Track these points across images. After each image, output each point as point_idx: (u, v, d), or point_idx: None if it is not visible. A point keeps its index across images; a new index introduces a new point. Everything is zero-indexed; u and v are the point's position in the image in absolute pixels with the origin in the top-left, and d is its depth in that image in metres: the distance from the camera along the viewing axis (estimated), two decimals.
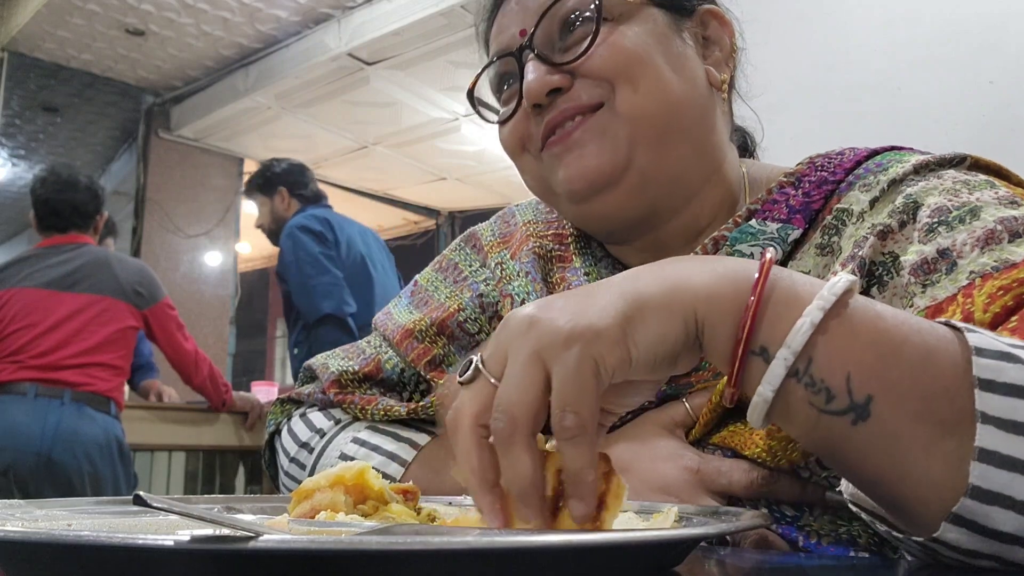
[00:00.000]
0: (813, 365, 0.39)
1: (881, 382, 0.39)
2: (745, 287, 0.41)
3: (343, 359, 0.82)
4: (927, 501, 0.38)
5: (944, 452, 0.38)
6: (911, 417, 0.38)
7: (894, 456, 0.39)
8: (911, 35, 1.63)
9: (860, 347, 0.39)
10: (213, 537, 0.28)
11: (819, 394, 0.39)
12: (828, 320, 0.39)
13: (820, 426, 0.40)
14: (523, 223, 0.82)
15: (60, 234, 2.63)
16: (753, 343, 0.40)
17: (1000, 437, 0.36)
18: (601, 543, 0.31)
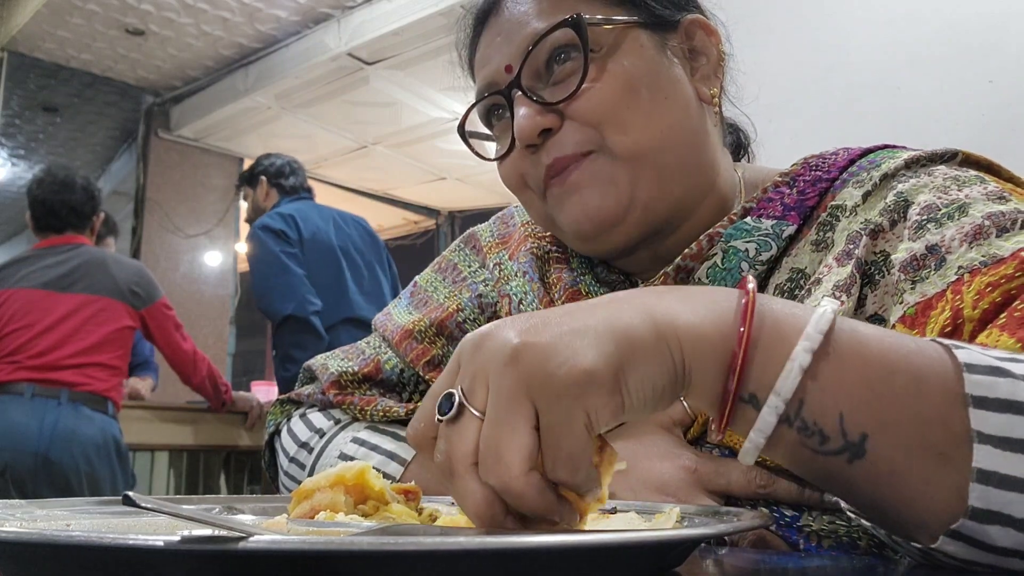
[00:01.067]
0: (804, 408, 0.39)
1: (874, 418, 0.38)
2: (729, 329, 0.39)
3: (343, 360, 0.82)
4: (927, 524, 0.39)
5: (944, 482, 0.37)
6: (907, 450, 0.38)
7: (893, 488, 0.39)
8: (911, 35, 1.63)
9: (850, 384, 0.38)
10: (203, 538, 0.28)
11: (812, 437, 0.39)
12: (817, 360, 0.38)
13: (816, 464, 0.40)
14: (521, 224, 0.82)
15: (57, 235, 2.63)
16: (742, 390, 0.39)
17: (998, 456, 0.36)
18: (601, 543, 0.31)
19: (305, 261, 2.81)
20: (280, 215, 2.87)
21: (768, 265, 0.63)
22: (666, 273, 0.65)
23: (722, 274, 0.63)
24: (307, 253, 2.82)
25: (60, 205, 2.62)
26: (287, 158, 3.18)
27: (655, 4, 0.68)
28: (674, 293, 0.41)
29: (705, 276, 0.64)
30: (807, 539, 0.55)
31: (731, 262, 0.63)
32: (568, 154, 0.64)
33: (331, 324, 2.76)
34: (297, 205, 2.96)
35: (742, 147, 0.83)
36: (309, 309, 2.73)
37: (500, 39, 0.68)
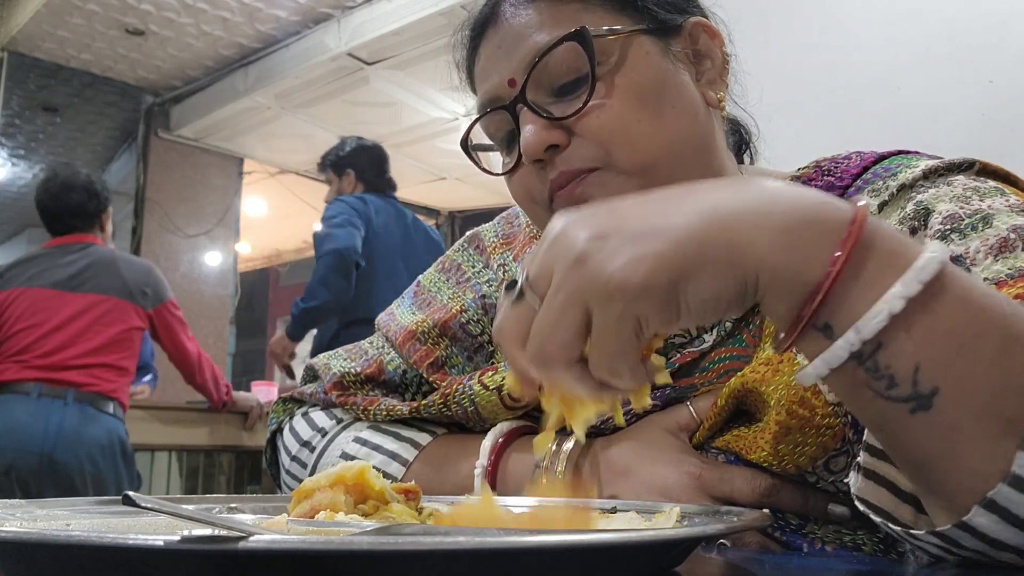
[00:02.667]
0: (881, 351, 0.37)
1: (950, 375, 0.37)
2: (819, 262, 0.37)
3: (345, 360, 0.82)
4: (966, 488, 0.38)
5: (1000, 447, 0.36)
6: (976, 412, 0.37)
7: (948, 445, 0.38)
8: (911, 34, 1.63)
9: (936, 337, 0.37)
10: (203, 537, 0.28)
11: (881, 380, 0.37)
12: (909, 307, 0.36)
13: (875, 407, 0.38)
14: (526, 224, 0.82)
15: (63, 236, 2.63)
16: (817, 319, 0.38)
17: None
18: (601, 543, 0.31)
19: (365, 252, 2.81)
20: (362, 199, 2.90)
21: None
22: None
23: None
24: (370, 246, 2.83)
25: (62, 208, 2.62)
26: (374, 150, 3.15)
27: (657, 9, 0.67)
28: (763, 208, 0.38)
29: None
30: (811, 544, 0.55)
31: None
32: (575, 168, 0.63)
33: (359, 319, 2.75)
34: (379, 201, 2.97)
35: (744, 145, 0.82)
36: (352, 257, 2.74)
37: (501, 51, 0.67)
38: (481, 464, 0.66)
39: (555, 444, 0.64)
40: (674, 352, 0.63)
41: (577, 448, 0.63)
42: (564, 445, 0.64)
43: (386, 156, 3.18)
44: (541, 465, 0.64)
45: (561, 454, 0.63)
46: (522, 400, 0.55)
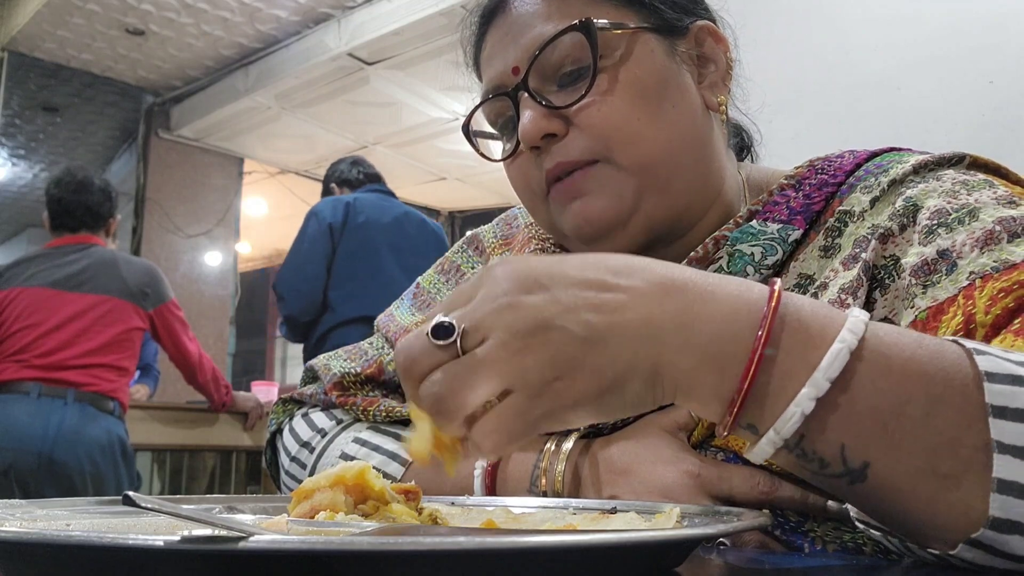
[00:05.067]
0: (805, 441, 0.39)
1: (879, 447, 0.38)
2: (732, 374, 0.39)
3: (345, 360, 0.82)
4: (940, 536, 0.39)
5: (948, 503, 0.37)
6: (911, 474, 0.38)
7: (898, 505, 0.39)
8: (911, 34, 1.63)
9: (857, 419, 0.38)
10: (203, 537, 0.28)
11: (812, 463, 0.40)
12: (822, 402, 0.38)
13: (817, 481, 0.41)
14: (525, 226, 0.82)
15: (71, 234, 2.63)
16: (740, 421, 0.40)
17: (1018, 466, 0.36)
18: (601, 543, 0.31)
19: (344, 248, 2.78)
20: (338, 201, 2.86)
21: (774, 269, 0.63)
22: None
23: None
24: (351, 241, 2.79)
25: (76, 205, 2.61)
26: (351, 157, 3.21)
27: (665, 8, 0.67)
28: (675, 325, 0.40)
29: None
30: (812, 543, 0.55)
31: (737, 266, 0.63)
32: (571, 159, 0.64)
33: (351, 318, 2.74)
34: (363, 195, 2.94)
35: (746, 148, 0.83)
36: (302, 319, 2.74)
37: (507, 39, 0.67)
38: (480, 466, 0.66)
39: (554, 444, 0.64)
40: None
41: (576, 448, 0.63)
42: (563, 445, 0.64)
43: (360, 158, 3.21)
44: (540, 465, 0.64)
45: (560, 454, 0.63)
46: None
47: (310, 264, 2.75)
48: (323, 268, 2.76)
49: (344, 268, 2.78)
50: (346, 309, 2.71)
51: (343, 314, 2.71)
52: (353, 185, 3.04)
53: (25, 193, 6.90)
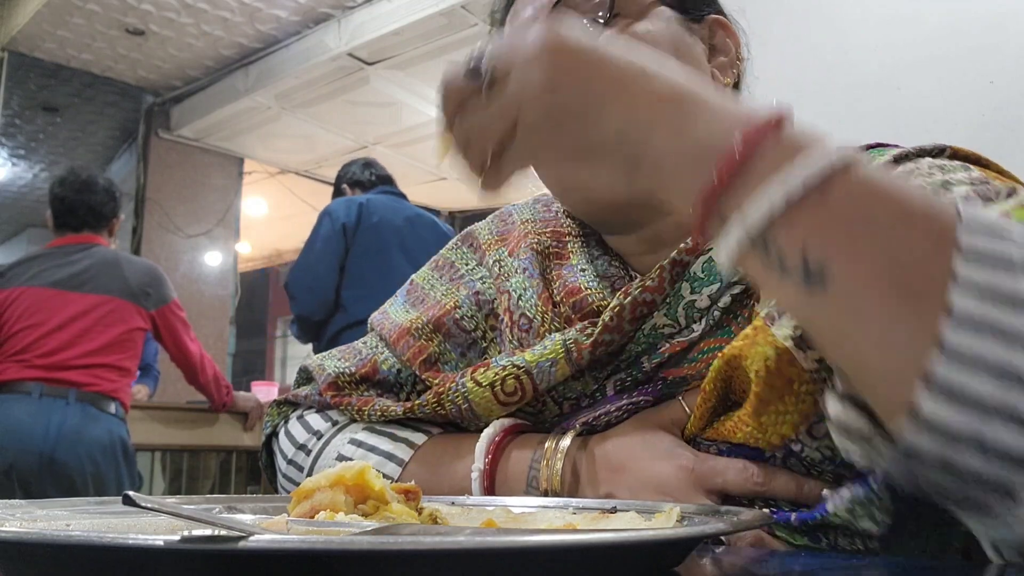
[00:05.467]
0: (769, 234, 0.39)
1: (841, 250, 0.38)
2: (713, 165, 0.40)
3: (339, 360, 0.82)
4: (894, 365, 0.37)
5: (909, 314, 0.36)
6: (870, 283, 0.37)
7: (856, 324, 0.38)
8: (911, 34, 1.63)
9: (825, 219, 0.38)
10: (203, 537, 0.28)
11: (773, 262, 0.39)
12: (794, 201, 0.38)
13: (781, 291, 0.40)
14: (520, 222, 0.82)
15: (74, 233, 2.62)
16: (713, 211, 0.41)
17: (975, 302, 0.35)
18: (601, 543, 0.31)
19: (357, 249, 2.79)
20: (351, 201, 2.87)
21: None
22: (662, 267, 0.64)
23: (717, 269, 0.63)
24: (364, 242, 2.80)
25: (80, 204, 2.61)
26: (363, 159, 3.23)
27: None
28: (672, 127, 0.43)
29: (700, 271, 0.64)
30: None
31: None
32: None
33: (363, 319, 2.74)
34: (376, 196, 2.95)
35: None
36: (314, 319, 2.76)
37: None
38: (478, 467, 0.66)
39: (553, 442, 0.64)
40: (663, 342, 0.63)
41: (574, 445, 0.64)
42: (561, 443, 0.64)
43: (372, 159, 3.23)
44: (539, 464, 0.64)
45: (558, 452, 0.63)
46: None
47: (323, 264, 2.76)
48: (336, 268, 2.77)
49: (357, 268, 2.79)
50: (358, 309, 2.72)
51: (355, 314, 2.71)
52: (365, 186, 3.05)
53: (25, 193, 6.90)
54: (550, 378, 0.65)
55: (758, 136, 0.40)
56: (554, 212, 0.80)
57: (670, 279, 0.63)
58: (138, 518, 0.47)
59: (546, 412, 0.69)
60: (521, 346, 0.70)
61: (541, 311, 0.70)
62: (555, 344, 0.64)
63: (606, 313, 0.63)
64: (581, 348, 0.63)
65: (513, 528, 0.47)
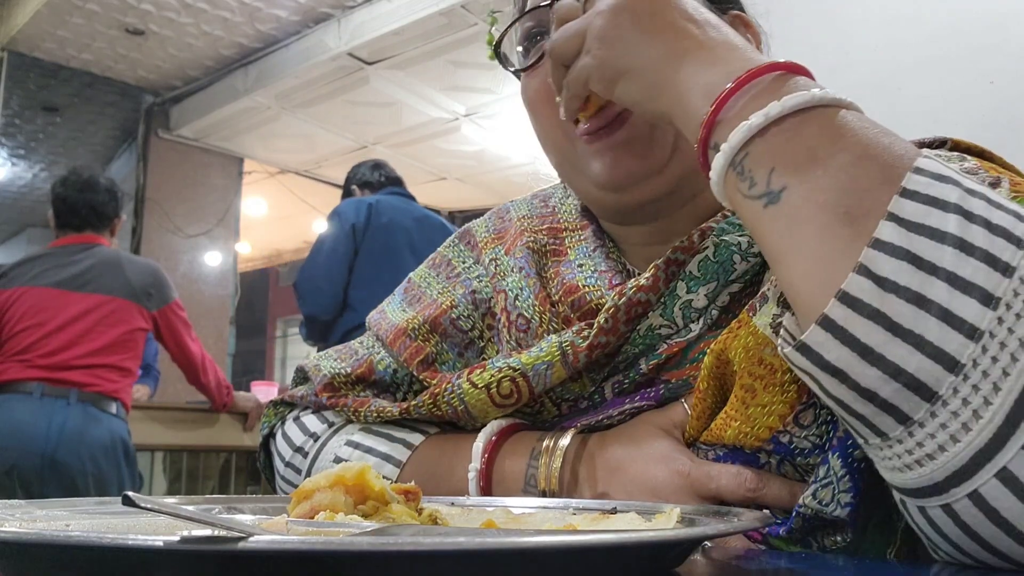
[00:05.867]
0: (747, 158, 0.46)
1: (800, 175, 0.43)
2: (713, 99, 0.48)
3: (335, 360, 0.82)
4: (816, 275, 0.41)
5: (840, 235, 0.40)
6: (817, 205, 0.42)
7: (792, 235, 0.43)
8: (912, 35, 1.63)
9: (793, 148, 0.44)
10: (203, 538, 0.28)
11: (744, 181, 0.46)
12: (773, 125, 0.44)
13: (745, 209, 0.46)
14: (517, 218, 0.81)
15: (76, 233, 2.62)
16: (710, 141, 0.48)
17: (900, 233, 0.39)
18: (601, 543, 0.31)
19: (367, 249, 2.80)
20: (360, 202, 2.89)
21: (762, 257, 0.63)
22: (657, 265, 0.64)
23: (714, 267, 0.62)
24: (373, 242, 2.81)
25: (82, 204, 2.61)
26: (372, 161, 3.25)
27: None
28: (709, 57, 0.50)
29: (697, 270, 0.63)
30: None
31: (723, 255, 0.62)
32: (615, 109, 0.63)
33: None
34: (385, 197, 2.96)
35: None
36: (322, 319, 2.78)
37: None
38: (475, 468, 0.66)
39: (551, 441, 0.64)
40: (660, 343, 0.63)
41: (573, 445, 0.63)
42: (560, 442, 0.64)
43: (382, 161, 3.24)
44: (538, 463, 0.64)
45: (557, 451, 0.63)
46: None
47: (332, 263, 2.78)
48: (345, 268, 2.79)
49: (366, 269, 2.80)
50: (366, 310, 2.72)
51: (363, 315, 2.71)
52: (374, 187, 3.07)
53: (25, 193, 6.90)
54: (546, 381, 0.65)
55: (752, 76, 0.47)
56: (551, 207, 0.80)
57: (665, 278, 0.63)
58: (138, 518, 0.47)
59: (544, 413, 0.69)
60: (519, 346, 0.70)
61: (539, 311, 0.69)
62: (551, 346, 0.64)
63: (601, 315, 0.63)
64: (577, 351, 0.63)
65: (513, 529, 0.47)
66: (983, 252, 0.38)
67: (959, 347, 0.37)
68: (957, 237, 0.38)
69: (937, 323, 0.37)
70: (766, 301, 0.53)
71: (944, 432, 0.38)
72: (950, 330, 0.37)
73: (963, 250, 0.38)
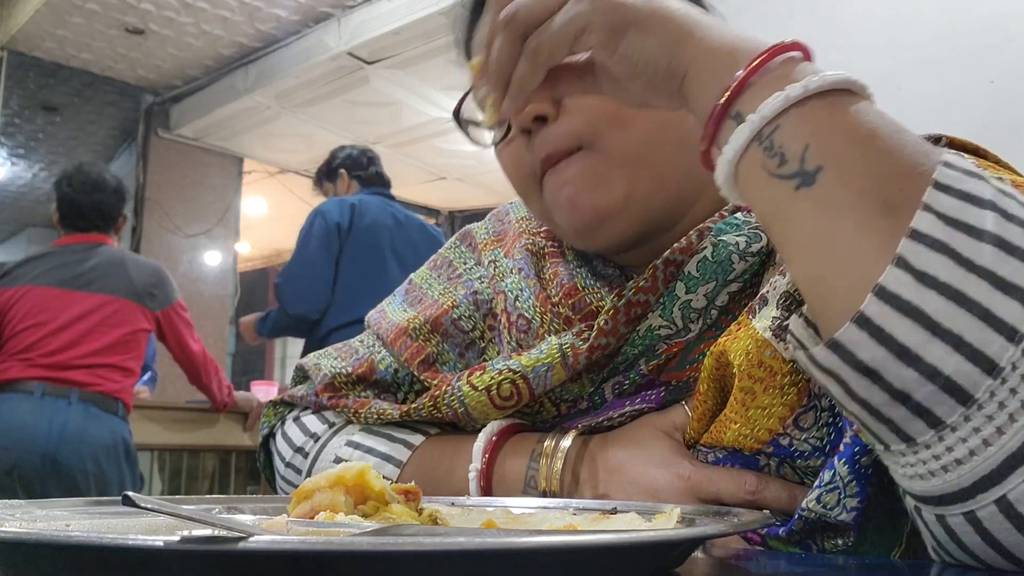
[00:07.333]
0: (778, 132, 0.42)
1: (837, 157, 0.40)
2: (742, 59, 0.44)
3: (336, 359, 0.81)
4: (854, 269, 0.38)
5: (879, 225, 0.38)
6: (855, 192, 0.39)
7: (832, 225, 0.39)
8: (912, 34, 1.63)
9: (828, 128, 0.41)
10: (203, 538, 0.28)
11: (773, 157, 0.41)
12: (808, 100, 0.41)
13: (768, 191, 0.42)
14: (516, 220, 0.81)
15: (81, 233, 2.61)
16: (731, 109, 0.44)
17: (938, 225, 0.37)
18: (601, 543, 0.31)
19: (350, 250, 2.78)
20: (343, 202, 2.86)
21: (760, 257, 0.62)
22: (655, 266, 0.64)
23: (712, 267, 0.62)
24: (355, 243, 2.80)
25: (90, 208, 2.59)
26: (362, 147, 3.18)
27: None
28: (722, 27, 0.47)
29: (695, 270, 0.63)
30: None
31: (721, 255, 0.62)
32: (563, 148, 0.64)
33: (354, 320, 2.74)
34: (367, 197, 2.94)
35: None
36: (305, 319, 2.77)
37: None
38: (475, 468, 0.66)
39: (553, 442, 0.64)
40: (660, 344, 0.63)
41: (575, 446, 0.63)
42: (562, 443, 0.64)
43: (374, 153, 3.19)
44: (538, 463, 0.64)
45: (558, 451, 0.63)
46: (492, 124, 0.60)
47: (320, 262, 2.76)
48: (332, 266, 2.77)
49: (348, 269, 2.78)
50: (350, 311, 2.72)
51: (347, 316, 2.71)
52: (362, 180, 3.03)
53: (24, 193, 6.90)
54: (546, 382, 0.65)
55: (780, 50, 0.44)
56: None
57: (663, 279, 0.63)
58: (138, 518, 0.47)
59: (544, 413, 0.69)
60: (520, 347, 0.70)
61: (539, 312, 0.69)
62: (551, 348, 0.64)
63: (601, 317, 0.63)
64: (577, 353, 0.63)
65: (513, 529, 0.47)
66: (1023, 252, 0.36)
67: (999, 350, 0.35)
68: (995, 235, 0.36)
69: (977, 323, 0.35)
70: (765, 304, 0.52)
71: (977, 436, 0.36)
72: (990, 331, 0.35)
73: (1003, 248, 0.36)
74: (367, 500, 0.45)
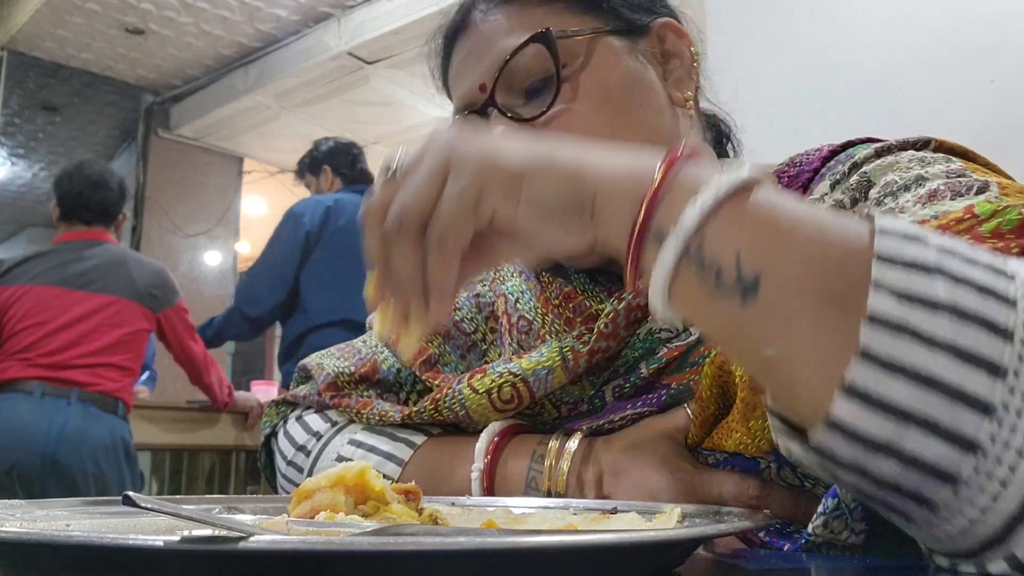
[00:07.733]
0: (705, 245, 0.39)
1: (771, 259, 0.38)
2: (646, 176, 0.42)
3: (338, 359, 0.82)
4: (817, 371, 0.37)
5: (832, 320, 0.36)
6: (799, 291, 0.37)
7: (782, 331, 0.38)
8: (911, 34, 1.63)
9: (752, 228, 0.39)
10: (203, 538, 0.28)
11: (709, 274, 0.39)
12: (722, 205, 0.39)
13: (713, 310, 0.40)
14: None
15: (84, 227, 2.60)
16: (649, 228, 0.41)
17: (893, 304, 0.35)
18: (601, 543, 0.31)
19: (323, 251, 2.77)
20: (319, 204, 2.84)
21: None
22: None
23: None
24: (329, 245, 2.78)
25: (95, 204, 2.58)
26: (347, 142, 3.13)
27: (624, 9, 0.68)
28: (607, 152, 0.45)
29: None
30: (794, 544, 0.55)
31: None
32: None
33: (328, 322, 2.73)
34: (345, 196, 2.91)
35: (724, 137, 0.82)
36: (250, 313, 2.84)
37: (471, 57, 0.68)
38: (477, 467, 0.66)
39: (557, 443, 0.64)
40: (660, 347, 0.63)
41: (580, 447, 0.63)
42: (568, 444, 0.64)
43: (360, 149, 3.14)
44: (542, 464, 0.64)
45: (564, 453, 0.63)
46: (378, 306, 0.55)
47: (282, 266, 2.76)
48: (294, 272, 2.77)
49: (323, 271, 2.76)
50: (324, 312, 2.72)
51: (321, 317, 2.71)
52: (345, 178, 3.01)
53: (24, 193, 6.90)
54: (546, 385, 0.65)
55: (675, 157, 0.42)
56: None
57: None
58: (138, 518, 0.47)
59: (544, 415, 0.69)
60: (521, 348, 0.70)
61: (541, 313, 0.69)
62: (551, 351, 0.64)
63: (601, 320, 0.63)
64: (578, 356, 0.63)
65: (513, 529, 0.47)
66: (979, 318, 0.35)
67: (974, 428, 0.34)
68: (949, 303, 0.35)
69: (949, 403, 0.34)
70: None
71: (973, 507, 0.35)
72: (963, 409, 0.34)
73: (959, 317, 0.35)
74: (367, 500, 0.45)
